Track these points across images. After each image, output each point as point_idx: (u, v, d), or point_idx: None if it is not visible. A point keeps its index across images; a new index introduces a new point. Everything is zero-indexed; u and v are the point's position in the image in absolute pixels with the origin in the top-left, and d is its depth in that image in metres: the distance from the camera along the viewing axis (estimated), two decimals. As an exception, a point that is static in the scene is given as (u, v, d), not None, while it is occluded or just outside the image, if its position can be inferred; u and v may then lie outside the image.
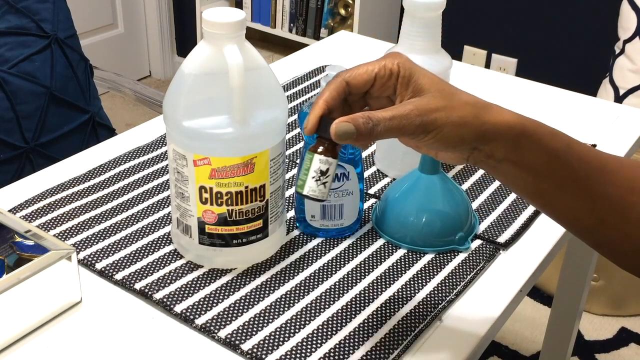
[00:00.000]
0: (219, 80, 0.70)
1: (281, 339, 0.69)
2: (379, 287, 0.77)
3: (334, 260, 0.81)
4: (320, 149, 0.59)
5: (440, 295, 0.76)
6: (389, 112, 0.58)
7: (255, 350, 0.68)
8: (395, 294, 0.76)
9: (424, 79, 0.60)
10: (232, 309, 0.73)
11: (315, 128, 0.60)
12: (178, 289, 0.75)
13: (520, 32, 2.38)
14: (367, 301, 0.75)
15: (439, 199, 0.83)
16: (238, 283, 0.76)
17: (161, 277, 0.76)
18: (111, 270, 0.77)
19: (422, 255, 0.82)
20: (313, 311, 0.73)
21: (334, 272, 0.79)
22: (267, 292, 0.75)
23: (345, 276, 0.78)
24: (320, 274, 0.79)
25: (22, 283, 0.67)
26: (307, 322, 0.72)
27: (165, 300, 0.73)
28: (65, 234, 0.82)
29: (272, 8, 2.64)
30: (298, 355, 0.68)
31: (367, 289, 0.77)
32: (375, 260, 0.81)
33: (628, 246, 0.63)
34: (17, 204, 0.87)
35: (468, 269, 0.80)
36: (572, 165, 0.61)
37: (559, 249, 0.88)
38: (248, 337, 0.69)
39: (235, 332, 0.70)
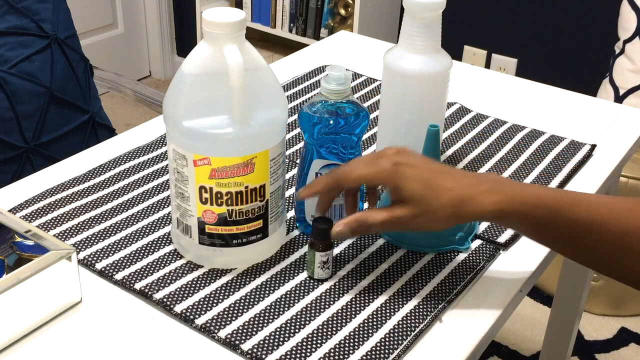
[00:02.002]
0: (219, 80, 0.70)
1: (281, 339, 0.69)
2: (379, 287, 0.77)
3: (334, 260, 0.81)
4: (320, 247, 0.76)
5: (440, 295, 0.76)
6: (381, 215, 0.69)
7: (255, 350, 0.68)
8: (395, 294, 0.76)
9: (407, 191, 0.68)
10: (232, 309, 0.73)
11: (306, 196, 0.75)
12: (178, 289, 0.75)
13: (520, 32, 2.38)
14: (367, 301, 0.75)
15: (439, 199, 0.83)
16: (238, 283, 0.76)
17: (161, 277, 0.76)
18: (111, 270, 0.77)
19: (422, 255, 0.82)
20: (313, 311, 0.73)
21: (333, 272, 0.79)
22: (267, 292, 0.75)
23: (345, 276, 0.78)
24: (320, 274, 0.79)
25: (22, 283, 0.67)
26: (307, 322, 0.72)
27: (165, 300, 0.73)
28: (65, 234, 0.82)
29: (272, 8, 2.63)
30: (298, 355, 0.68)
31: (367, 289, 0.77)
32: (375, 261, 0.81)
33: (630, 276, 0.68)
34: (17, 204, 0.87)
35: (468, 269, 0.80)
36: (559, 229, 0.67)
37: (559, 249, 0.88)
38: (248, 337, 0.69)
39: (235, 332, 0.70)
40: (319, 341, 0.69)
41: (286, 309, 0.73)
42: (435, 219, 0.68)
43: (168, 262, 0.79)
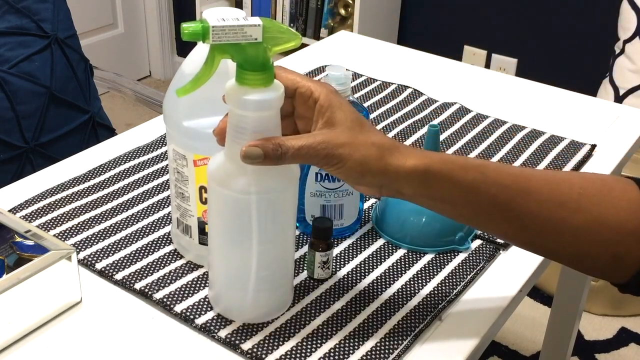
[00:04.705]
0: (219, 80, 0.70)
1: (281, 339, 0.69)
2: (379, 287, 0.77)
3: (334, 260, 0.81)
4: (320, 247, 0.76)
5: (440, 295, 0.76)
6: (299, 141, 0.61)
7: (255, 350, 0.68)
8: (395, 294, 0.76)
9: (339, 112, 0.62)
10: (232, 309, 0.73)
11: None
12: (178, 289, 0.75)
13: (520, 32, 2.38)
14: (367, 301, 0.75)
15: (439, 199, 0.83)
16: (238, 283, 0.76)
17: (161, 277, 0.76)
18: (111, 270, 0.77)
19: (422, 255, 0.82)
20: (313, 311, 0.73)
21: (334, 272, 0.79)
22: (267, 292, 0.75)
23: (345, 276, 0.78)
24: (320, 274, 0.79)
25: (22, 283, 0.67)
26: (307, 322, 0.72)
27: (165, 300, 0.73)
28: (65, 234, 0.82)
29: (272, 8, 2.63)
30: (298, 355, 0.68)
31: (367, 289, 0.77)
32: (375, 260, 0.81)
33: (568, 254, 0.66)
34: (17, 204, 0.87)
35: (468, 269, 0.80)
36: (490, 192, 0.63)
37: (559, 249, 0.88)
38: (248, 337, 0.69)
39: (235, 332, 0.70)
40: (319, 341, 0.69)
41: (286, 309, 0.73)
42: (358, 157, 0.60)
43: (168, 262, 0.79)
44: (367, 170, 0.62)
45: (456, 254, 0.83)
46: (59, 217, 0.85)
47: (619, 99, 1.91)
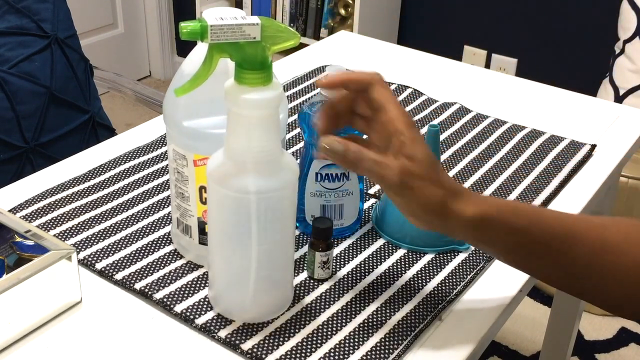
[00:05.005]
0: (219, 80, 0.70)
1: (281, 339, 0.69)
2: (379, 287, 0.77)
3: (334, 260, 0.81)
4: (320, 247, 0.76)
5: (440, 295, 0.76)
6: (379, 157, 0.62)
7: (255, 350, 0.68)
8: (395, 294, 0.76)
9: (420, 145, 0.63)
10: (232, 309, 0.73)
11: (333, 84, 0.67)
12: (178, 289, 0.75)
13: (520, 32, 2.38)
14: (367, 301, 0.75)
15: (439, 199, 0.83)
16: (238, 283, 0.76)
17: (161, 277, 0.76)
18: (111, 270, 0.77)
19: (422, 255, 0.82)
20: (313, 311, 0.73)
21: (334, 272, 0.79)
22: (267, 292, 0.75)
23: (345, 276, 0.78)
24: (320, 274, 0.79)
25: (22, 283, 0.67)
26: (307, 322, 0.72)
27: (165, 300, 0.73)
28: (65, 234, 0.82)
29: (272, 8, 2.63)
30: (298, 355, 0.68)
31: (367, 289, 0.77)
32: (375, 260, 0.81)
33: (608, 300, 0.67)
34: (17, 204, 0.87)
35: (468, 269, 0.80)
36: (536, 239, 0.65)
37: (559, 249, 0.88)
38: (248, 337, 0.69)
39: (235, 332, 0.70)
40: (319, 341, 0.69)
41: (286, 309, 0.73)
42: (427, 194, 0.63)
43: (168, 262, 0.79)
44: (428, 209, 0.64)
45: (456, 254, 0.83)
46: (59, 217, 0.85)
47: (619, 99, 1.91)
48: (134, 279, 0.76)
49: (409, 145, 0.63)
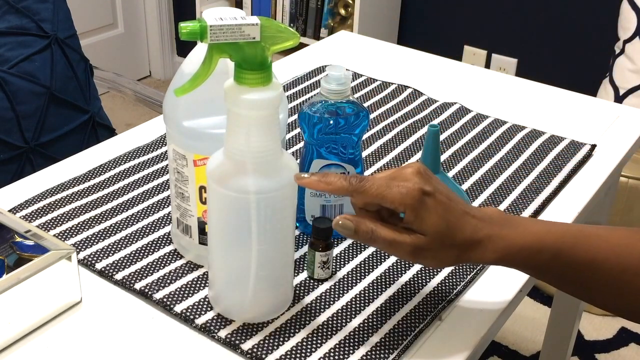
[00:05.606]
0: (219, 80, 0.70)
1: (281, 339, 0.69)
2: (379, 287, 0.77)
3: (334, 260, 0.81)
4: (320, 247, 0.76)
5: (440, 295, 0.76)
6: (391, 234, 0.65)
7: (255, 350, 0.68)
8: (395, 294, 0.76)
9: (428, 226, 0.65)
10: (232, 309, 0.73)
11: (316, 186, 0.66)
12: (178, 289, 0.75)
13: (520, 32, 2.38)
14: (367, 301, 0.75)
15: (439, 199, 0.83)
16: (238, 283, 0.76)
17: (161, 277, 0.76)
18: (111, 270, 0.77)
19: (422, 255, 0.82)
20: (313, 311, 0.73)
21: (334, 272, 0.79)
22: (267, 292, 0.75)
23: (345, 276, 0.78)
24: (320, 274, 0.79)
25: (22, 283, 0.67)
26: (307, 322, 0.72)
27: (165, 300, 0.73)
28: (65, 234, 0.82)
29: (272, 8, 2.63)
30: (298, 355, 0.68)
31: (367, 289, 0.77)
32: (375, 260, 0.81)
33: (631, 312, 0.69)
34: (17, 204, 0.87)
35: (468, 269, 0.80)
36: (561, 270, 0.67)
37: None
38: (248, 337, 0.69)
39: (235, 332, 0.70)
40: (319, 341, 0.69)
41: (286, 309, 0.73)
42: (441, 258, 0.66)
43: (168, 262, 0.79)
44: (445, 266, 0.69)
45: (456, 254, 0.82)
46: (59, 217, 0.85)
47: (619, 99, 1.91)
48: (134, 279, 0.76)
49: (417, 223, 0.64)
